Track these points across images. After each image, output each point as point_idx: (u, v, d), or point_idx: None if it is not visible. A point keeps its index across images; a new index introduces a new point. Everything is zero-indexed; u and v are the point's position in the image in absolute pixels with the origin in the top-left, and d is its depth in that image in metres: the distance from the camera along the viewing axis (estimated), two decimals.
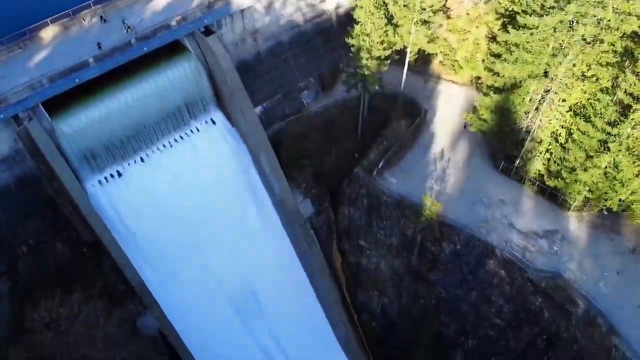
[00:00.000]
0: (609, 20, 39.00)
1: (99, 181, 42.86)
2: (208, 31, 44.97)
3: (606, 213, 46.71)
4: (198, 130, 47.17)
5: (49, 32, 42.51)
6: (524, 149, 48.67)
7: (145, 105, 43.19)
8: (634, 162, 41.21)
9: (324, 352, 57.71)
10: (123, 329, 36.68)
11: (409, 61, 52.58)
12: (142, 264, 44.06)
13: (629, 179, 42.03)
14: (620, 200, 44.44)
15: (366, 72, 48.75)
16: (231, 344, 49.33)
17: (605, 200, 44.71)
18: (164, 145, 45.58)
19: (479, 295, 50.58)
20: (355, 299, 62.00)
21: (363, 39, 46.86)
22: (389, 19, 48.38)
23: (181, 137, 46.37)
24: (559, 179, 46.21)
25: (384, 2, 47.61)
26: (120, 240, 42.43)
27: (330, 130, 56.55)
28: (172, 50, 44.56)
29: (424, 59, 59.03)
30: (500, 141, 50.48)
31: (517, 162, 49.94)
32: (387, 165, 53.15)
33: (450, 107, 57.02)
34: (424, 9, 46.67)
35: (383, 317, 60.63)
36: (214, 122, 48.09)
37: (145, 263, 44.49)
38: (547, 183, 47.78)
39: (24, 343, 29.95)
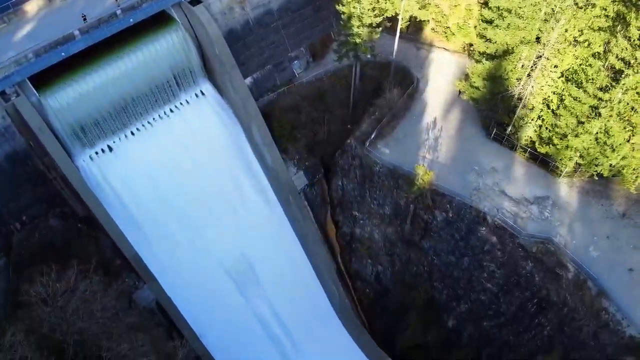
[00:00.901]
0: None
1: (90, 156, 42.66)
2: (195, 0, 44.07)
3: (597, 179, 47.14)
4: (188, 102, 46.77)
5: (33, 5, 41.57)
6: (515, 116, 48.67)
7: (133, 78, 42.63)
8: (624, 128, 41.40)
9: (319, 318, 58.83)
10: (120, 302, 37.20)
11: (400, 28, 51.91)
12: (137, 237, 44.30)
13: (620, 144, 42.30)
14: (610, 165, 44.80)
15: (357, 41, 48.15)
16: (228, 313, 50.15)
17: (596, 165, 45.05)
18: (153, 119, 45.26)
19: (470, 261, 51.43)
20: (350, 267, 62.94)
21: (354, 6, 46.11)
22: None
23: (171, 110, 46.00)
24: (550, 145, 46.40)
25: None
26: (114, 214, 42.52)
27: (322, 101, 56.23)
28: (159, 21, 43.72)
29: (416, 26, 58.31)
30: (492, 109, 50.41)
31: (509, 129, 50.01)
32: (380, 135, 53.10)
33: (443, 75, 56.65)
34: None
35: (377, 284, 61.73)
36: (203, 94, 47.67)
37: (140, 237, 44.74)
38: (538, 150, 47.99)
39: (22, 318, 30.36)
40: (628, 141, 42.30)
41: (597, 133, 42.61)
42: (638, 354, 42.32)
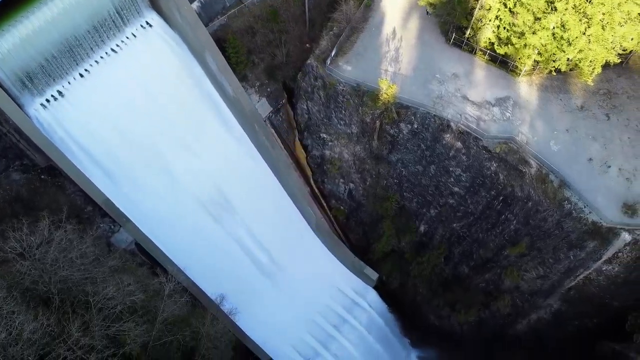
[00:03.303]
0: None
1: (42, 104, 40.69)
2: None
3: (555, 74, 47.95)
4: (134, 36, 44.31)
5: None
6: (473, 18, 48.09)
7: (73, 15, 39.78)
8: (580, 20, 41.57)
9: (297, 238, 60.73)
10: (99, 248, 37.18)
11: None
12: (104, 181, 43.65)
13: (576, 37, 42.66)
14: (568, 59, 45.44)
15: None
16: (208, 243, 50.99)
17: (554, 61, 45.62)
18: (101, 57, 42.98)
19: (437, 168, 52.90)
20: (323, 188, 64.04)
21: None
22: None
23: (118, 46, 43.62)
24: (509, 45, 46.45)
25: None
26: (76, 161, 41.50)
27: (276, 20, 53.93)
28: None
29: None
30: (449, 13, 49.54)
31: (468, 32, 49.58)
32: (340, 51, 51.94)
33: None
34: None
35: (350, 201, 63.38)
36: (150, 25, 45.11)
37: (108, 180, 44.09)
38: (497, 51, 48.04)
39: (1, 275, 30.16)
40: (584, 34, 42.64)
41: (553, 28, 42.70)
42: (600, 238, 45.55)
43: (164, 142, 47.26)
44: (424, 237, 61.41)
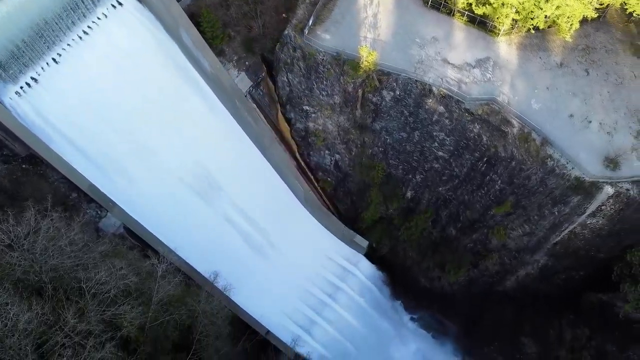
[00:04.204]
0: None
1: (16, 92, 39.64)
2: None
3: (533, 32, 47.86)
4: (105, 16, 43.04)
5: None
6: None
7: None
8: None
9: (286, 212, 61.03)
10: (87, 234, 36.99)
11: None
12: (87, 167, 43.08)
13: None
14: (545, 17, 45.34)
15: None
16: (197, 222, 50.99)
17: (532, 19, 45.49)
18: (73, 40, 41.75)
19: (421, 134, 53.10)
20: (309, 161, 64.02)
21: None
22: None
23: (89, 28, 42.38)
24: (487, 5, 46.13)
25: None
26: (56, 148, 40.83)
27: None
28: None
29: None
30: None
31: None
32: (318, 20, 51.13)
33: None
34: None
35: (337, 172, 63.57)
36: (120, 4, 43.78)
37: (91, 165, 43.51)
38: (475, 12, 47.70)
39: None
40: None
41: None
42: (583, 193, 46.44)
43: (144, 124, 46.58)
44: (411, 202, 62.09)
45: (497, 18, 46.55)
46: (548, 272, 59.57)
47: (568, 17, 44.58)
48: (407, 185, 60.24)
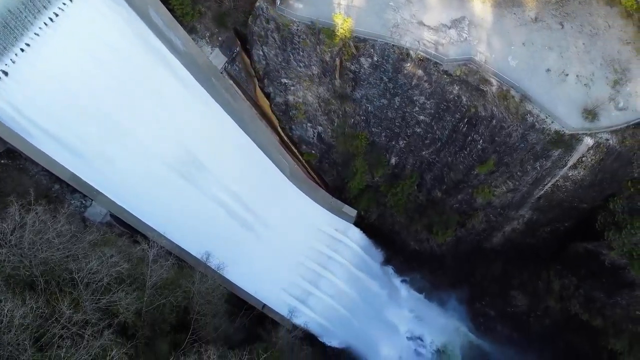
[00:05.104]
0: None
1: None
2: None
3: None
4: (71, 1, 41.65)
5: None
6: None
7: None
8: None
9: (273, 188, 61.15)
10: (74, 225, 36.66)
11: None
12: (67, 157, 42.35)
13: None
14: None
15: None
16: (184, 204, 50.80)
17: None
18: (40, 28, 40.42)
19: (401, 99, 53.04)
20: (292, 134, 63.74)
21: None
22: None
23: (55, 15, 41.00)
24: None
25: None
26: (34, 140, 39.98)
27: None
28: None
29: None
30: None
31: None
32: None
33: None
34: None
35: (320, 144, 63.48)
36: None
37: (71, 155, 42.75)
38: None
39: None
40: None
41: None
42: (564, 146, 47.13)
43: (121, 109, 45.64)
44: (396, 168, 62.50)
45: None
46: (533, 226, 60.87)
47: None
48: (390, 152, 60.48)
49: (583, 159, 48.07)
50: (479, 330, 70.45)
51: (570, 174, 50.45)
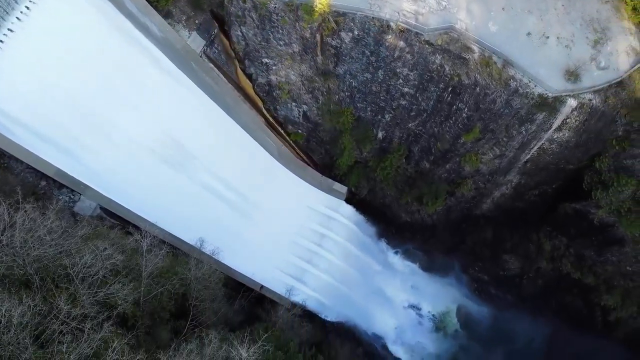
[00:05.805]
0: None
1: None
2: None
3: None
4: None
5: None
6: None
7: None
8: None
9: (262, 170, 60.98)
10: (64, 220, 36.39)
11: None
12: (52, 152, 41.81)
13: None
14: None
15: None
16: (174, 192, 50.64)
17: None
18: (13, 23, 39.47)
19: (385, 72, 52.79)
20: (277, 115, 63.33)
21: None
22: None
23: (27, 8, 39.99)
24: None
25: None
26: (15, 137, 39.35)
27: None
28: None
29: None
30: None
31: None
32: None
33: None
34: None
35: (306, 122, 63.22)
36: None
37: (55, 150, 42.22)
38: None
39: None
40: None
41: None
42: (548, 109, 47.48)
43: (101, 99, 45.00)
44: (383, 142, 62.59)
45: None
46: (522, 190, 61.69)
47: None
48: (377, 126, 60.45)
49: (567, 120, 48.50)
50: (474, 295, 71.89)
51: (555, 136, 50.93)
